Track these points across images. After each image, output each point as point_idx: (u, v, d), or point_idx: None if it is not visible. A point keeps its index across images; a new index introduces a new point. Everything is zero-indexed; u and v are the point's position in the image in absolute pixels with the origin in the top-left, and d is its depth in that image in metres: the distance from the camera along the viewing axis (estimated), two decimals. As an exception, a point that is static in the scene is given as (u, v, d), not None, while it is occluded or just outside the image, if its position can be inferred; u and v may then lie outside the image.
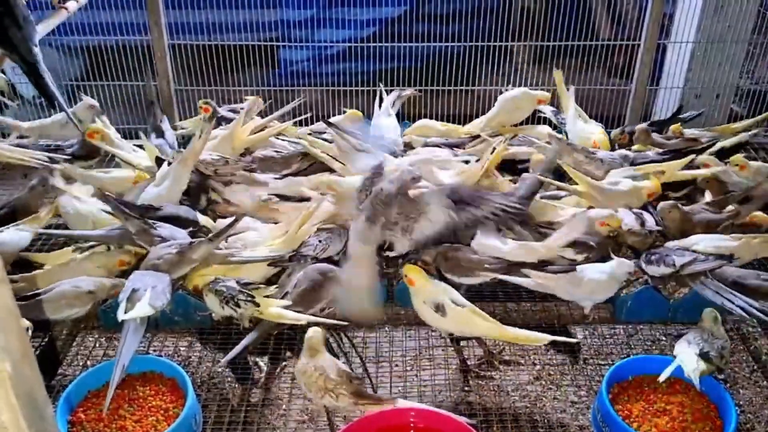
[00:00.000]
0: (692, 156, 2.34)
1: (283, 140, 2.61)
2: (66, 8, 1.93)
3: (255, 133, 2.57)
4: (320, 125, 2.66)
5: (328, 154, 2.40)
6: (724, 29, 3.10)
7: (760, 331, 2.11)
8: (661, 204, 2.10)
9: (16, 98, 2.80)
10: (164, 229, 1.95)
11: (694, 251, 1.90)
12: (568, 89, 2.68)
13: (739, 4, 3.02)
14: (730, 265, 1.90)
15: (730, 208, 2.15)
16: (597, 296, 1.89)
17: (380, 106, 2.70)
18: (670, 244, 2.00)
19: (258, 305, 1.77)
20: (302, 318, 1.77)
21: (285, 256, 1.97)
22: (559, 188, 2.28)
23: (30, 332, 1.72)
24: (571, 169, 2.22)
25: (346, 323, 1.91)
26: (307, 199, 2.20)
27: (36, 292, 1.84)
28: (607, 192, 2.17)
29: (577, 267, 1.89)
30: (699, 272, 1.82)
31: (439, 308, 1.76)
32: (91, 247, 2.06)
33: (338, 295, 1.85)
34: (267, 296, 1.83)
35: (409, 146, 2.62)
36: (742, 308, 1.78)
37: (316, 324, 1.75)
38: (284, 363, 2.15)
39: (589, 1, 3.56)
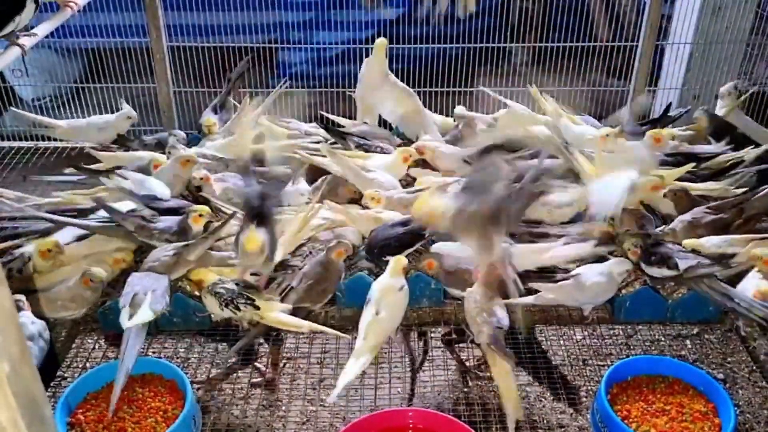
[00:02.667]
0: (692, 165, 2.33)
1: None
2: (71, 6, 1.93)
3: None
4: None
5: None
6: (722, 30, 3.10)
7: (759, 331, 2.11)
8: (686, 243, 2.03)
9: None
10: (162, 222, 1.96)
11: (696, 251, 1.90)
12: (546, 99, 2.67)
13: (737, 5, 3.03)
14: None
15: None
16: (600, 299, 1.89)
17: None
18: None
19: (258, 308, 1.77)
20: (304, 325, 1.76)
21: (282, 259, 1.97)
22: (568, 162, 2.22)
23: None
24: (582, 156, 2.20)
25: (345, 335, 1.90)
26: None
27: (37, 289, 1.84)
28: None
29: (575, 271, 1.89)
30: (701, 275, 1.82)
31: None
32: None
33: None
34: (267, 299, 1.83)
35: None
36: (742, 307, 1.77)
37: (332, 299, 1.76)
38: (283, 363, 2.15)
39: (587, 3, 3.57)
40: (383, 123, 2.78)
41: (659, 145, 2.35)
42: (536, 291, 1.84)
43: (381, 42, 2.53)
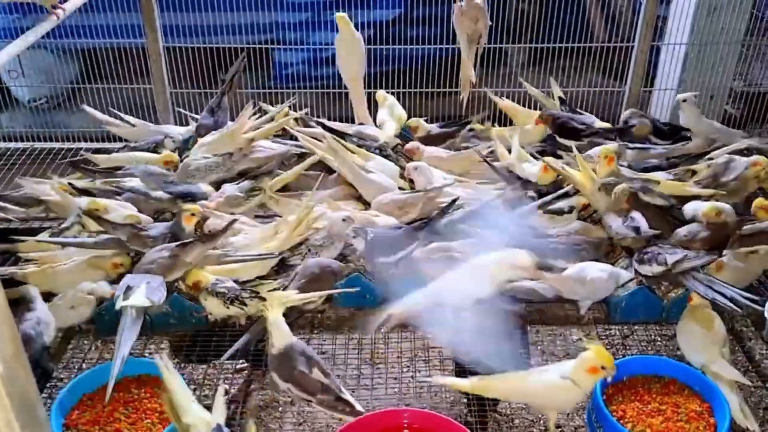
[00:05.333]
0: (690, 168, 2.32)
1: (275, 141, 2.60)
2: (57, 14, 1.93)
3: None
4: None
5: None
6: (717, 31, 3.11)
7: (754, 331, 2.12)
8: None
9: None
10: (153, 228, 1.96)
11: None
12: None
13: (732, 6, 3.04)
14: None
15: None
16: (598, 295, 1.89)
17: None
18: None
19: (264, 299, 1.77)
20: (312, 296, 1.77)
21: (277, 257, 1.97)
22: (561, 174, 2.23)
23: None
24: (579, 157, 2.20)
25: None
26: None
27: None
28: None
29: (577, 265, 1.90)
30: (690, 269, 1.82)
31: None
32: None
33: None
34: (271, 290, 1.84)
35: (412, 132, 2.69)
36: (732, 300, 1.77)
37: (328, 299, 1.79)
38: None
39: (584, 3, 3.57)
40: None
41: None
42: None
43: (340, 15, 2.57)
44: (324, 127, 2.56)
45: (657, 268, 1.85)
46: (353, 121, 2.77)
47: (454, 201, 2.03)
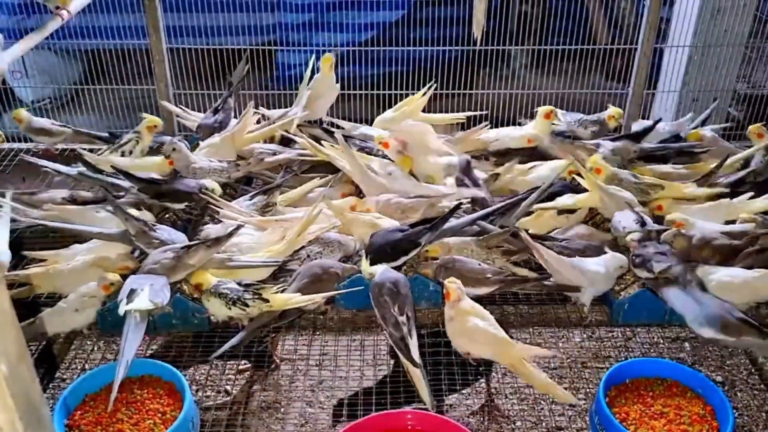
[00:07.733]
0: (694, 180, 2.31)
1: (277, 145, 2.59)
2: (61, 16, 1.93)
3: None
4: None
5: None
6: (720, 33, 3.11)
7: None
8: (665, 234, 2.01)
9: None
10: (163, 231, 1.95)
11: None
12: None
13: (736, 8, 3.03)
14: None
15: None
16: (597, 286, 1.89)
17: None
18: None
19: (267, 300, 1.77)
20: (315, 298, 1.77)
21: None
22: (554, 208, 2.19)
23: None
24: (585, 172, 2.17)
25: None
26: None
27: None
28: (616, 197, 2.15)
29: (576, 259, 1.90)
30: (677, 276, 1.81)
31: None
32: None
33: None
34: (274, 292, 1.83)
35: None
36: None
37: (330, 301, 1.79)
38: (273, 366, 2.15)
39: (587, 6, 3.58)
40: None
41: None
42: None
43: (327, 58, 2.61)
44: (325, 131, 2.55)
45: (646, 274, 1.85)
46: (355, 121, 2.76)
47: (457, 206, 2.02)
